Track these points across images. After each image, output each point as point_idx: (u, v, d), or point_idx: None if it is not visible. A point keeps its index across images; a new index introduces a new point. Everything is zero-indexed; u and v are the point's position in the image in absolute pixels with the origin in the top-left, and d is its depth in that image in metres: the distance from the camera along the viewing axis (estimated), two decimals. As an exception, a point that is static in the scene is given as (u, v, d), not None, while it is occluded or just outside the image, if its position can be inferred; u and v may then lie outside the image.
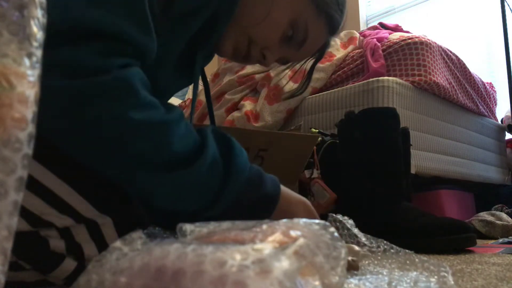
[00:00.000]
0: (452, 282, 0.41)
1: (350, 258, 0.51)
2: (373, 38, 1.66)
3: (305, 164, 0.99)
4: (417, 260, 0.47)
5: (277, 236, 0.32)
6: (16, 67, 0.19)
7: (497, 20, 2.02)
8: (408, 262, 0.48)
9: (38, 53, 0.20)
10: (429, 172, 1.49)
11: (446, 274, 0.42)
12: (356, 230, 0.54)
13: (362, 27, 2.99)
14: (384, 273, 0.47)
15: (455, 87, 1.65)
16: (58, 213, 0.44)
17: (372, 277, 0.45)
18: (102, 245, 0.47)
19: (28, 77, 0.20)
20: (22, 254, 0.44)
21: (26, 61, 0.19)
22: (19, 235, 0.43)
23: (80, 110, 0.40)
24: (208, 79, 0.79)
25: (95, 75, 0.40)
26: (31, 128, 0.20)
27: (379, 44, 1.60)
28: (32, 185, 0.43)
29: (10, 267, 0.43)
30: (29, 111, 0.20)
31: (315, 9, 0.66)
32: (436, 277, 0.42)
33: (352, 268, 0.51)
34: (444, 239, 0.93)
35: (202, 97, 2.02)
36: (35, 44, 0.20)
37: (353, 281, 0.43)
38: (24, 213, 0.43)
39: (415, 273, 0.44)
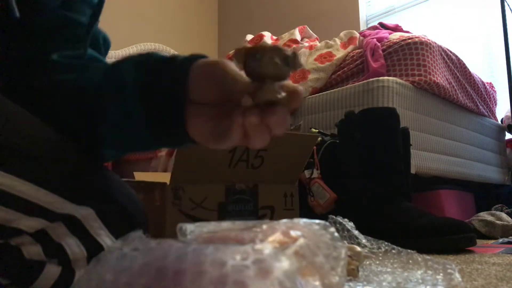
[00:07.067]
0: (460, 279, 0.41)
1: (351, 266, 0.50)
2: (373, 38, 1.66)
3: (305, 164, 0.99)
4: (420, 259, 0.47)
5: (277, 236, 0.32)
6: None
7: (497, 20, 2.02)
8: (410, 261, 0.48)
9: None
10: (429, 172, 1.48)
11: (452, 272, 0.42)
12: (356, 232, 0.54)
13: (362, 27, 2.98)
14: (389, 270, 0.47)
15: (455, 87, 1.65)
16: (26, 217, 0.39)
17: (376, 279, 0.44)
18: (88, 241, 0.42)
19: None
20: None
21: None
22: None
23: None
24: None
25: None
26: None
27: (379, 44, 1.60)
28: None
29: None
30: None
31: None
32: (442, 274, 0.42)
33: (351, 275, 0.50)
34: (444, 239, 0.93)
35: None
36: None
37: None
38: None
39: (420, 271, 0.44)
